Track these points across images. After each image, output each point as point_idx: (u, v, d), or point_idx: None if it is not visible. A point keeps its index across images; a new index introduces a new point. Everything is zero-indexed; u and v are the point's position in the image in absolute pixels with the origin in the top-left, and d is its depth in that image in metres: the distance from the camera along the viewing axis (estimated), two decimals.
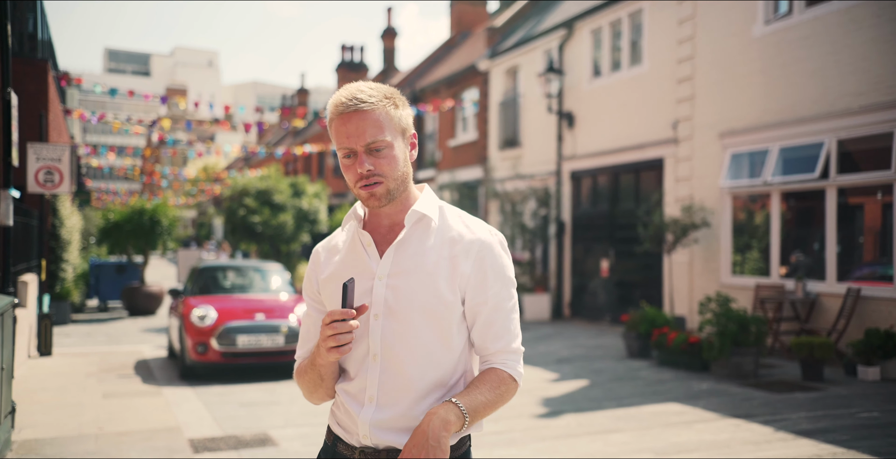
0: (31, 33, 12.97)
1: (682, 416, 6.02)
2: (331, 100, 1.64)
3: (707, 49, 10.34)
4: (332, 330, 1.49)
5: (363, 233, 1.68)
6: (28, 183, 9.58)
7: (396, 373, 1.59)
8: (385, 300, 1.60)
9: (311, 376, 1.65)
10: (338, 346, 1.50)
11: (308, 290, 1.76)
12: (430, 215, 1.64)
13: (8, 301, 4.89)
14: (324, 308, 1.73)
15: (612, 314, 12.57)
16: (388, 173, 1.60)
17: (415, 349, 1.59)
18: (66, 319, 13.32)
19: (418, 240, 1.63)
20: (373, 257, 1.65)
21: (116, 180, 69.45)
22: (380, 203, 1.62)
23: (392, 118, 1.61)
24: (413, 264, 1.61)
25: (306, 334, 1.76)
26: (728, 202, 10.00)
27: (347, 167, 1.62)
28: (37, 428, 5.64)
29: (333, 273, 1.70)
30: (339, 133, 1.60)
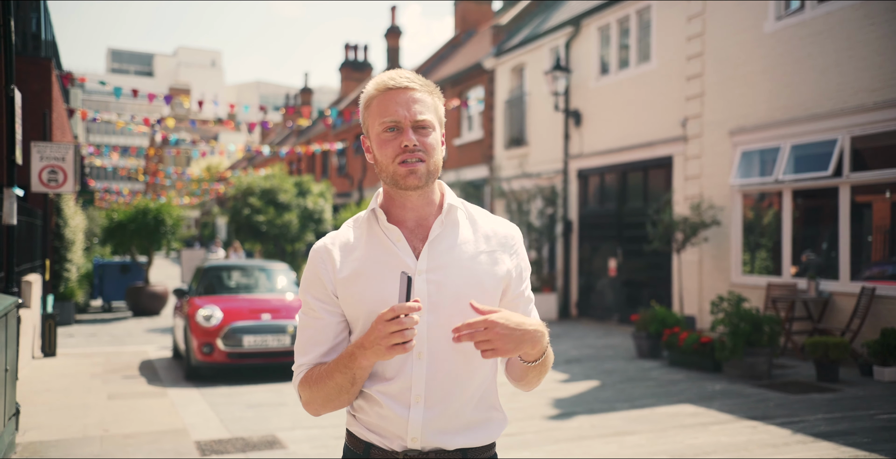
0: (34, 33, 12.91)
1: (697, 418, 5.91)
2: (372, 81, 1.62)
3: (717, 46, 10.22)
4: (398, 325, 1.39)
5: (390, 227, 1.60)
6: (32, 182, 9.51)
7: (443, 370, 1.55)
8: (428, 296, 1.55)
9: (339, 380, 1.52)
10: (403, 342, 1.41)
11: (316, 291, 1.61)
12: (460, 207, 1.65)
13: (11, 302, 4.81)
14: (337, 310, 1.60)
15: (620, 313, 12.46)
16: (431, 154, 1.57)
17: (460, 345, 1.54)
18: (71, 319, 13.25)
19: (452, 233, 1.61)
20: (405, 252, 1.58)
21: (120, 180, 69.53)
22: (419, 182, 1.55)
23: (436, 106, 1.62)
24: (451, 258, 1.58)
25: (313, 339, 1.61)
26: (738, 200, 9.89)
27: (387, 141, 1.56)
28: (41, 430, 5.55)
29: (358, 272, 1.58)
30: (386, 105, 1.57)
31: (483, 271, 1.58)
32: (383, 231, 1.61)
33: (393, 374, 1.55)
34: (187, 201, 36.05)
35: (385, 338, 1.40)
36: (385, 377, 1.56)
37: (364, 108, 1.62)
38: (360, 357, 1.47)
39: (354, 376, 1.51)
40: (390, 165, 1.56)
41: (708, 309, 10.02)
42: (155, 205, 15.33)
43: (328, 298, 1.59)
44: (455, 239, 1.60)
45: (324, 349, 1.59)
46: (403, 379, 1.54)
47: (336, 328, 1.60)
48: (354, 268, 1.59)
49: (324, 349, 1.59)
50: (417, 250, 1.58)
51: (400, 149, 1.54)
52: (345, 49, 33.00)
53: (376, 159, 1.61)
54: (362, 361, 1.47)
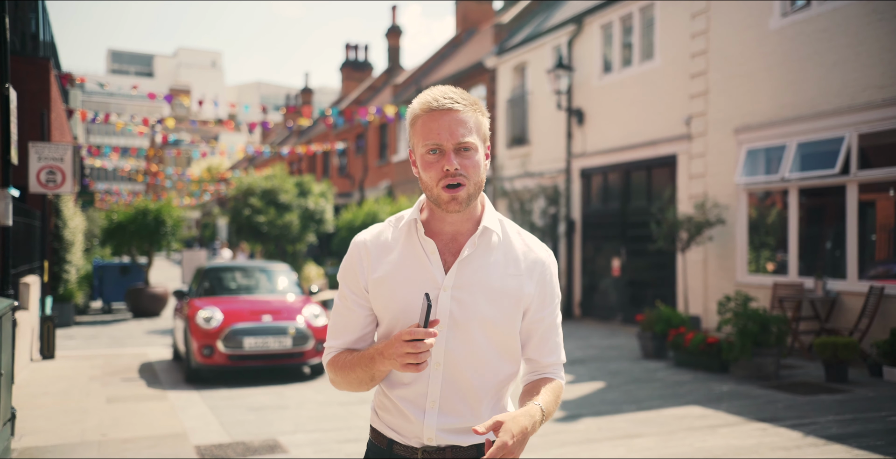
0: (32, 33, 12.83)
1: (706, 420, 5.81)
2: (418, 99, 1.67)
3: (721, 43, 10.11)
4: (413, 349, 1.48)
5: (427, 240, 1.67)
6: (30, 183, 9.41)
7: (458, 381, 1.64)
8: (451, 313, 1.63)
9: (360, 375, 1.65)
10: (416, 363, 1.50)
11: (351, 283, 1.71)
12: (496, 229, 1.69)
13: (7, 304, 4.71)
14: (367, 304, 1.70)
15: (624, 313, 12.36)
16: (472, 177, 1.62)
17: (476, 360, 1.64)
18: (70, 321, 13.15)
19: (483, 254, 1.67)
20: (436, 267, 1.65)
21: (120, 181, 69.50)
22: (459, 207, 1.62)
23: (479, 124, 1.66)
24: (478, 278, 1.65)
25: (343, 326, 1.73)
26: (744, 199, 9.78)
27: (431, 164, 1.62)
28: (38, 435, 5.46)
29: (389, 275, 1.67)
30: (429, 128, 1.61)
31: (506, 294, 1.65)
32: (420, 242, 1.68)
33: (411, 379, 1.65)
34: (188, 201, 35.98)
35: (401, 356, 1.50)
36: (403, 382, 1.66)
37: (410, 125, 1.67)
38: (378, 363, 1.59)
39: (374, 375, 1.64)
40: (434, 188, 1.62)
41: (713, 309, 9.91)
42: (155, 206, 15.23)
43: (360, 291, 1.69)
44: (484, 260, 1.66)
45: (352, 337, 1.72)
46: (420, 386, 1.64)
47: (364, 320, 1.71)
48: (387, 271, 1.67)
49: (352, 338, 1.72)
50: (448, 264, 1.66)
51: (442, 172, 1.59)
52: (345, 49, 32.92)
53: (421, 178, 1.66)
54: (380, 366, 1.59)
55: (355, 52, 33.08)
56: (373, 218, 15.52)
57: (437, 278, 1.63)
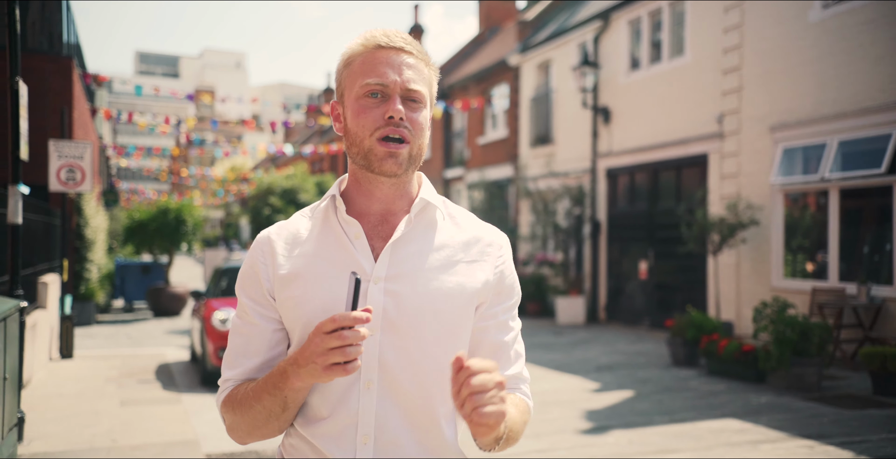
0: (57, 33, 12.82)
1: (745, 434, 5.47)
2: (360, 36, 1.32)
3: (756, 37, 9.72)
4: (339, 340, 1.07)
5: (349, 220, 1.28)
6: (50, 181, 9.31)
7: (400, 403, 1.23)
8: (384, 311, 1.23)
9: (268, 404, 1.20)
10: (346, 362, 1.09)
11: (251, 290, 1.29)
12: (438, 205, 1.33)
13: (13, 305, 4.53)
14: (274, 315, 1.28)
15: (651, 318, 11.99)
16: (417, 135, 1.28)
17: (422, 373, 1.24)
18: (91, 319, 13.11)
19: (423, 236, 1.30)
20: (362, 253, 1.26)
21: (146, 181, 70.22)
22: (397, 169, 1.26)
23: (430, 80, 1.33)
24: (417, 265, 1.27)
25: (243, 348, 1.29)
26: (779, 200, 9.39)
27: (366, 109, 1.26)
28: (47, 440, 5.29)
29: (301, 270, 1.26)
30: (373, 65, 1.26)
31: (456, 284, 1.26)
32: (341, 224, 1.29)
33: (329, 410, 1.22)
34: (211, 201, 36.11)
35: (322, 355, 1.09)
36: (320, 414, 1.23)
37: (343, 66, 1.31)
38: (292, 377, 1.15)
39: (286, 399, 1.19)
40: (366, 140, 1.25)
41: (746, 314, 9.53)
42: (176, 205, 15.17)
43: (264, 299, 1.28)
44: (426, 243, 1.29)
45: (255, 362, 1.28)
46: (345, 415, 1.21)
47: (272, 337, 1.29)
48: (297, 266, 1.27)
49: (255, 363, 1.28)
50: (377, 251, 1.28)
51: (382, 120, 1.24)
52: None
53: (348, 130, 1.29)
54: (295, 381, 1.15)
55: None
56: None
57: (365, 268, 1.24)
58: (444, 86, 20.02)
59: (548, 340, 10.77)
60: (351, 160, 1.31)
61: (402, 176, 1.29)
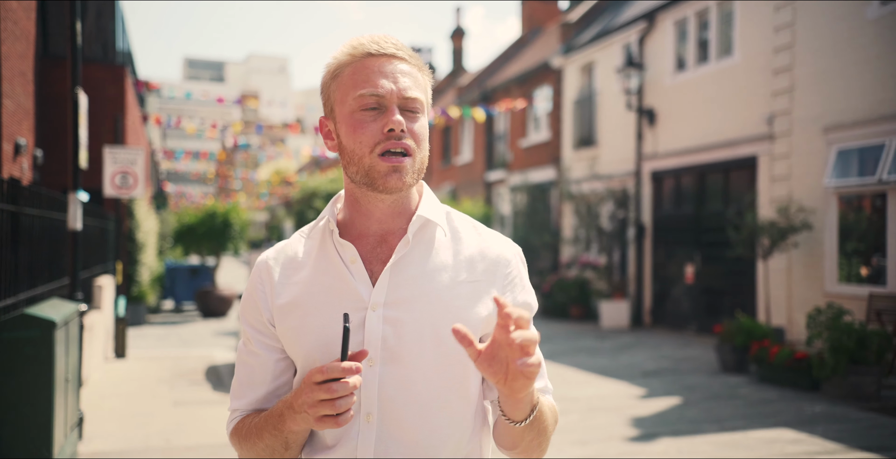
0: (111, 42, 13.24)
1: (799, 445, 5.33)
2: (346, 45, 1.23)
3: (809, 35, 9.48)
4: (327, 393, 1.04)
5: (343, 243, 1.21)
6: (105, 187, 9.61)
7: (401, 437, 1.17)
8: (383, 340, 1.17)
9: (270, 442, 1.18)
10: (336, 414, 1.06)
11: (252, 318, 1.25)
12: (438, 222, 1.23)
13: (74, 309, 4.70)
14: (277, 344, 1.24)
15: (698, 322, 11.78)
16: (420, 146, 1.19)
17: (424, 405, 1.18)
18: (143, 320, 13.48)
19: (422, 257, 1.21)
20: (359, 278, 1.20)
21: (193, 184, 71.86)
22: (401, 184, 1.17)
23: (426, 86, 1.24)
24: (418, 289, 1.19)
25: (248, 379, 1.26)
26: (833, 203, 9.13)
27: (363, 124, 1.17)
28: (105, 439, 5.45)
29: (298, 298, 1.21)
30: (366, 75, 1.17)
31: (461, 308, 1.19)
32: (336, 248, 1.23)
33: (334, 440, 1.19)
34: (256, 204, 36.77)
35: (312, 407, 1.06)
36: (325, 444, 1.21)
37: (331, 78, 1.22)
38: (289, 421, 1.13)
39: (287, 440, 1.17)
40: (366, 157, 1.17)
41: (798, 320, 9.29)
42: (223, 208, 15.49)
43: (265, 328, 1.24)
44: (426, 264, 1.21)
45: (260, 393, 1.25)
46: (346, 448, 1.18)
47: (275, 367, 1.25)
48: (294, 294, 1.22)
49: (260, 394, 1.25)
50: (375, 277, 1.20)
51: (381, 134, 1.16)
52: None
53: (343, 148, 1.20)
54: (292, 426, 1.13)
55: (419, 55, 33.16)
56: None
57: (362, 294, 1.18)
58: (487, 88, 20.01)
59: (592, 344, 10.67)
60: (349, 179, 1.22)
61: (405, 192, 1.21)
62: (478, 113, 15.46)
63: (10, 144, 8.17)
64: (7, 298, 4.41)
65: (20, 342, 3.76)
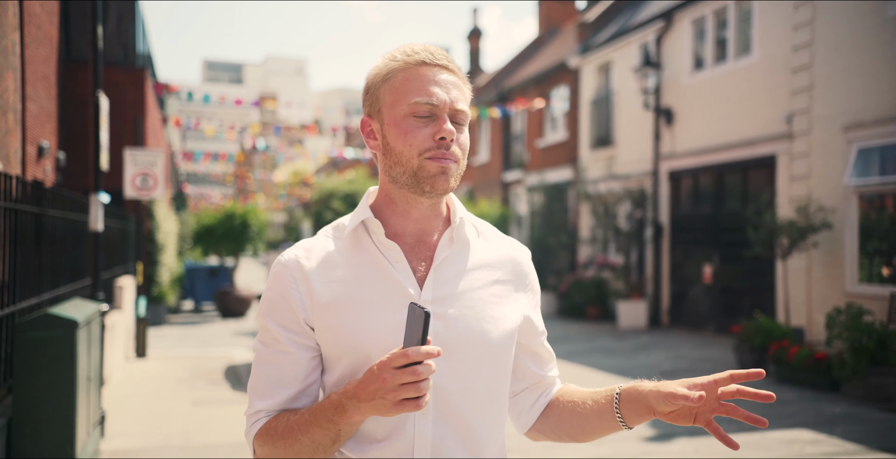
0: (132, 45, 13.42)
1: (818, 446, 5.29)
2: (397, 50, 1.27)
3: (829, 33, 9.38)
4: (413, 376, 1.05)
5: (387, 243, 1.25)
6: (125, 188, 9.76)
7: (455, 424, 1.23)
8: (435, 334, 1.21)
9: (318, 437, 1.16)
10: (417, 397, 1.07)
11: (283, 317, 1.24)
12: (472, 222, 1.34)
13: (95, 309, 4.78)
14: (310, 343, 1.24)
15: (716, 322, 11.69)
16: (463, 156, 1.26)
17: (475, 392, 1.25)
18: (162, 321, 13.64)
19: (461, 255, 1.30)
20: (405, 276, 1.24)
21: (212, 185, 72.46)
22: (447, 186, 1.23)
23: (469, 99, 1.30)
24: (460, 286, 1.26)
25: (276, 378, 1.24)
26: (854, 202, 9.03)
27: (414, 130, 1.21)
28: (126, 437, 5.54)
29: (343, 297, 1.22)
30: (420, 83, 1.22)
31: (498, 303, 1.28)
32: (378, 247, 1.26)
33: (385, 433, 1.20)
34: (274, 205, 37.02)
35: (394, 391, 1.06)
36: (376, 439, 1.21)
37: (381, 80, 1.25)
38: (351, 411, 1.12)
39: (339, 433, 1.16)
40: (414, 159, 1.21)
41: (817, 320, 9.19)
42: (241, 210, 15.63)
43: (299, 327, 1.24)
44: (465, 263, 1.29)
45: (291, 392, 1.24)
46: (403, 441, 1.20)
47: (308, 365, 1.25)
48: (338, 293, 1.23)
49: (291, 393, 1.24)
50: (418, 274, 1.25)
51: (432, 141, 1.21)
52: None
53: (391, 150, 1.24)
54: (354, 415, 1.12)
55: None
56: None
57: (411, 292, 1.22)
58: (504, 89, 20.00)
59: (609, 344, 10.63)
60: (390, 179, 1.26)
61: (445, 195, 1.26)
62: (493, 112, 15.50)
63: (33, 146, 8.31)
64: (31, 298, 4.50)
65: (43, 341, 3.83)
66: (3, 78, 6.42)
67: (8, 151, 6.72)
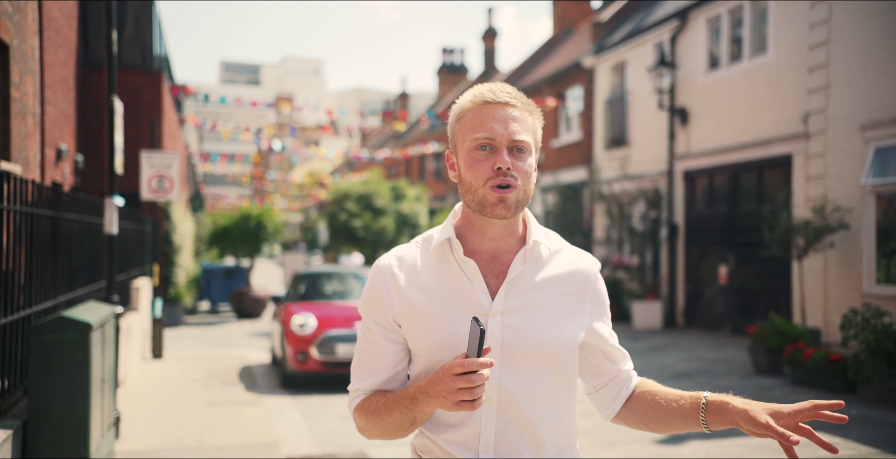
0: (149, 48, 13.55)
1: None
2: (469, 92, 1.49)
3: (846, 32, 9.28)
4: (467, 383, 1.27)
5: (466, 260, 1.46)
6: (142, 191, 9.86)
7: (515, 419, 1.45)
8: (502, 341, 1.43)
9: (398, 419, 1.43)
10: (472, 400, 1.29)
11: (377, 315, 1.49)
12: (545, 243, 1.51)
13: (110, 311, 4.84)
14: (398, 338, 1.49)
15: (732, 323, 11.60)
16: (523, 181, 1.43)
17: (533, 394, 1.46)
18: (179, 321, 13.77)
19: (533, 272, 1.48)
20: (480, 290, 1.45)
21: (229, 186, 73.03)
22: (508, 213, 1.41)
23: (535, 128, 1.49)
24: (529, 300, 1.46)
25: (371, 365, 1.51)
26: (871, 202, 8.92)
27: (478, 161, 1.42)
28: (140, 438, 5.61)
29: (425, 303, 1.45)
30: (481, 121, 1.42)
31: (561, 314, 1.47)
32: (458, 263, 1.47)
33: (459, 420, 1.45)
34: (290, 205, 37.22)
35: (452, 393, 1.29)
36: (450, 424, 1.46)
37: (456, 120, 1.48)
38: (422, 403, 1.37)
39: (415, 418, 1.42)
40: (479, 189, 1.42)
41: (834, 321, 9.09)
42: (257, 211, 15.74)
43: (389, 324, 1.48)
44: (535, 278, 1.47)
45: (382, 377, 1.51)
46: (472, 427, 1.44)
47: (396, 356, 1.50)
48: (421, 299, 1.46)
49: (382, 378, 1.51)
50: (492, 288, 1.46)
51: (492, 171, 1.41)
52: (442, 53, 33.07)
53: (462, 179, 1.46)
54: (424, 407, 1.38)
55: (451, 56, 33.18)
56: None
57: (484, 303, 1.43)
58: (518, 89, 19.93)
59: (624, 345, 10.36)
60: (466, 204, 1.47)
61: (512, 216, 1.43)
62: None
63: (52, 149, 8.43)
64: (46, 300, 4.57)
65: (58, 344, 3.89)
66: (22, 82, 6.52)
67: (27, 154, 6.83)
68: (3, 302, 3.70)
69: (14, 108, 6.14)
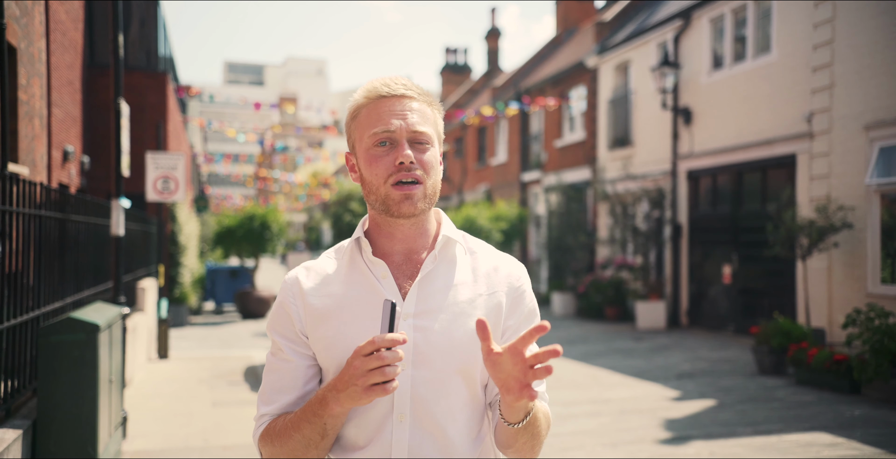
0: (154, 49, 13.61)
1: (836, 449, 5.25)
2: (362, 88, 1.39)
3: (850, 31, 9.27)
4: (378, 361, 1.14)
5: (375, 261, 1.36)
6: (147, 192, 9.90)
7: (431, 435, 1.30)
8: (414, 346, 1.30)
9: (307, 432, 1.26)
10: (385, 382, 1.15)
11: (284, 328, 1.37)
12: (459, 240, 1.41)
13: (116, 313, 4.88)
14: (307, 352, 1.36)
15: (735, 323, 11.61)
16: (429, 174, 1.34)
17: (452, 404, 1.32)
18: (184, 322, 13.82)
19: (446, 272, 1.37)
20: (390, 292, 1.34)
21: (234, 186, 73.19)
22: (413, 210, 1.32)
23: (435, 120, 1.39)
24: (443, 301, 1.34)
25: (278, 384, 1.36)
26: (876, 202, 8.91)
27: (377, 158, 1.33)
28: (147, 438, 5.65)
29: (331, 310, 1.34)
30: (377, 115, 1.33)
31: (478, 316, 1.31)
32: (367, 265, 1.37)
33: (366, 441, 1.30)
34: (294, 205, 37.30)
35: (362, 376, 1.15)
36: (357, 445, 1.31)
37: (351, 118, 1.39)
38: (332, 402, 1.22)
39: (325, 426, 1.25)
40: (381, 187, 1.32)
41: (838, 321, 9.09)
42: (261, 211, 15.78)
43: (297, 337, 1.36)
44: (450, 279, 1.36)
45: (291, 397, 1.35)
46: (380, 447, 1.29)
47: (306, 372, 1.36)
48: (328, 306, 1.35)
49: (291, 398, 1.35)
50: (404, 290, 1.35)
51: (394, 167, 1.31)
52: (445, 53, 33.08)
53: (363, 179, 1.36)
54: (335, 407, 1.22)
55: (454, 56, 33.19)
56: (471, 222, 15.39)
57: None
58: (521, 89, 19.98)
59: (627, 345, 10.60)
60: (370, 206, 1.37)
61: (420, 216, 1.35)
62: (510, 110, 15.53)
63: (58, 151, 8.49)
64: (54, 302, 4.62)
65: (66, 344, 3.94)
66: (30, 85, 6.58)
67: (34, 156, 6.88)
68: (13, 304, 3.74)
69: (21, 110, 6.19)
